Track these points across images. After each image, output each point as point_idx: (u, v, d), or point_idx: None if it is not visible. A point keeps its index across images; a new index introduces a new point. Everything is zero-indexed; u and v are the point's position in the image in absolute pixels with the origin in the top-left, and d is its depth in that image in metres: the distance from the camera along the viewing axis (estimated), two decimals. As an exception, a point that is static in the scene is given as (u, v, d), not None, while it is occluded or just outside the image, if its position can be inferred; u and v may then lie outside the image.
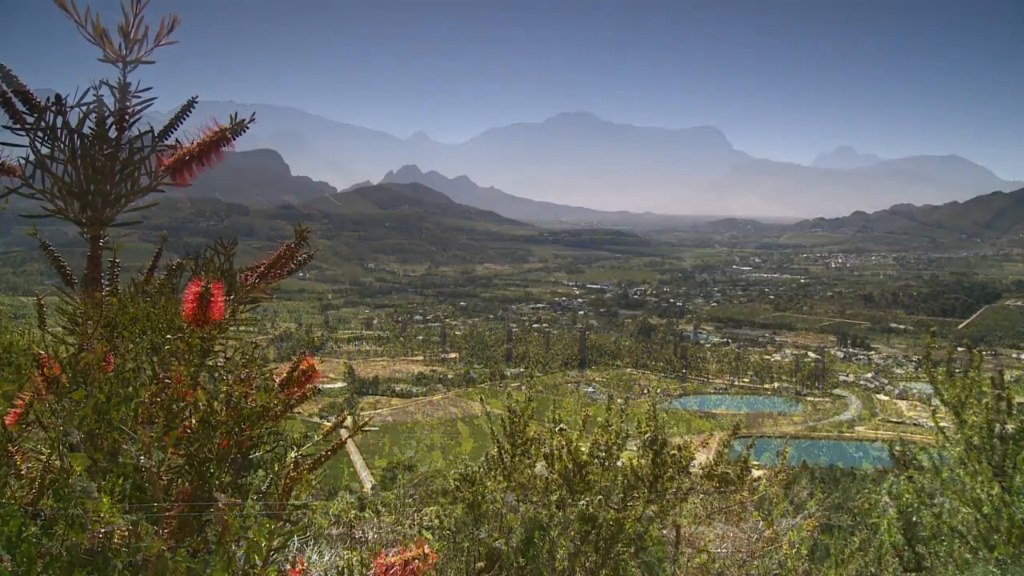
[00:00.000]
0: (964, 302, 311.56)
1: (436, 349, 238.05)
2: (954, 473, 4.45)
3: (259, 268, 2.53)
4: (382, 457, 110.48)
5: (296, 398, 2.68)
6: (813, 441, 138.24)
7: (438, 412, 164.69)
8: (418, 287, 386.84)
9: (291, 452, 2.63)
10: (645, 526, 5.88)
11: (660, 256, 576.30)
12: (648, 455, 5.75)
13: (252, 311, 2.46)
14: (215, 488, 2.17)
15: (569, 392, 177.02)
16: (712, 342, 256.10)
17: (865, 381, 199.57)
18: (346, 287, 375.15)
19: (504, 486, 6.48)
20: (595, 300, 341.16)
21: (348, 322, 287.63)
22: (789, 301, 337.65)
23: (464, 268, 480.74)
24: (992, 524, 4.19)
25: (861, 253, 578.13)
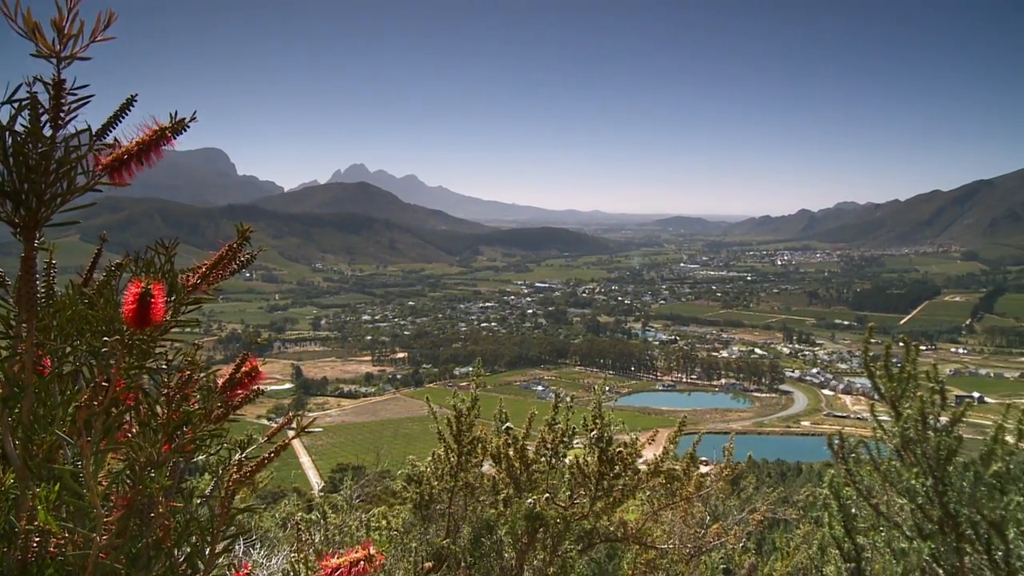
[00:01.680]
0: (906, 298, 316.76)
1: (384, 349, 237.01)
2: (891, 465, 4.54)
3: (201, 269, 2.51)
4: (330, 458, 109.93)
5: (239, 400, 2.65)
6: (761, 436, 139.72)
7: (387, 412, 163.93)
8: (366, 287, 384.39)
9: (235, 455, 2.60)
10: (592, 523, 5.91)
11: (608, 254, 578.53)
12: (594, 453, 5.77)
13: (195, 312, 2.43)
14: (156, 493, 2.17)
15: (518, 391, 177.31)
16: (660, 340, 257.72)
17: (811, 376, 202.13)
18: (294, 287, 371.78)
19: (451, 486, 6.47)
20: (544, 299, 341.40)
21: (296, 322, 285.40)
22: (736, 298, 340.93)
23: (412, 267, 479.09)
24: (926, 514, 4.27)
25: (806, 250, 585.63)
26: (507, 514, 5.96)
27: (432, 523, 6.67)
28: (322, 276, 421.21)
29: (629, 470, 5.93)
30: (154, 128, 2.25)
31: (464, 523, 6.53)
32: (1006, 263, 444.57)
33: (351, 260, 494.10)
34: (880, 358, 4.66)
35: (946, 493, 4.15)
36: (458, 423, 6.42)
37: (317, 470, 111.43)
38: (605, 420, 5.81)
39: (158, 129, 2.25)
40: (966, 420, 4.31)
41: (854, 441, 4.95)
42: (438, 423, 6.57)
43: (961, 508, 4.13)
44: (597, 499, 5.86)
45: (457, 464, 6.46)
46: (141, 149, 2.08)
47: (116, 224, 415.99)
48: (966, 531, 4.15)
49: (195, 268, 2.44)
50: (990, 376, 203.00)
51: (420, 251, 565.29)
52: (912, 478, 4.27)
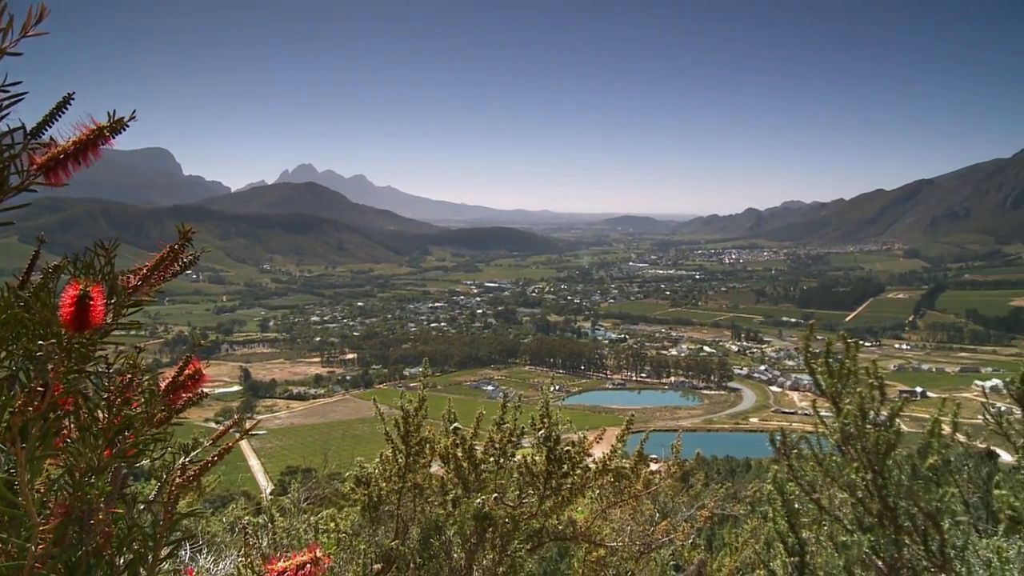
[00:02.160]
0: (851, 295, 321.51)
1: (334, 350, 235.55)
2: (832, 460, 4.61)
3: (142, 270, 2.45)
4: (280, 461, 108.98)
5: (183, 403, 2.61)
6: (710, 433, 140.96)
7: (336, 414, 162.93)
8: (315, 288, 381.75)
9: (179, 459, 2.57)
10: (541, 522, 5.92)
11: (558, 254, 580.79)
12: (542, 452, 5.79)
13: (136, 315, 2.38)
14: (96, 499, 2.10)
15: (468, 391, 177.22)
16: (610, 338, 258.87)
17: (759, 374, 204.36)
18: (241, 289, 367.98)
19: (399, 487, 6.46)
20: (493, 298, 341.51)
21: (244, 324, 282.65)
22: (685, 297, 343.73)
23: (361, 268, 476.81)
24: (866, 507, 4.35)
25: (754, 249, 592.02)
26: (456, 514, 5.95)
27: (381, 525, 6.65)
28: (270, 277, 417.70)
29: (577, 469, 5.96)
30: (91, 127, 2.03)
31: (413, 524, 6.51)
32: (946, 261, 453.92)
33: (299, 261, 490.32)
34: (821, 355, 4.73)
35: (885, 487, 4.22)
36: (406, 424, 6.41)
37: (266, 473, 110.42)
38: (553, 419, 5.83)
39: (96, 128, 1.99)
40: (910, 414, 4.40)
41: (796, 437, 5.02)
42: (386, 424, 6.55)
43: (899, 501, 4.21)
44: (545, 498, 5.88)
45: (405, 465, 6.45)
46: (78, 148, 2.01)
47: (57, 225, 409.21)
48: (904, 523, 4.22)
49: (136, 270, 2.38)
50: (932, 371, 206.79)
51: (369, 251, 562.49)
52: (852, 472, 4.35)
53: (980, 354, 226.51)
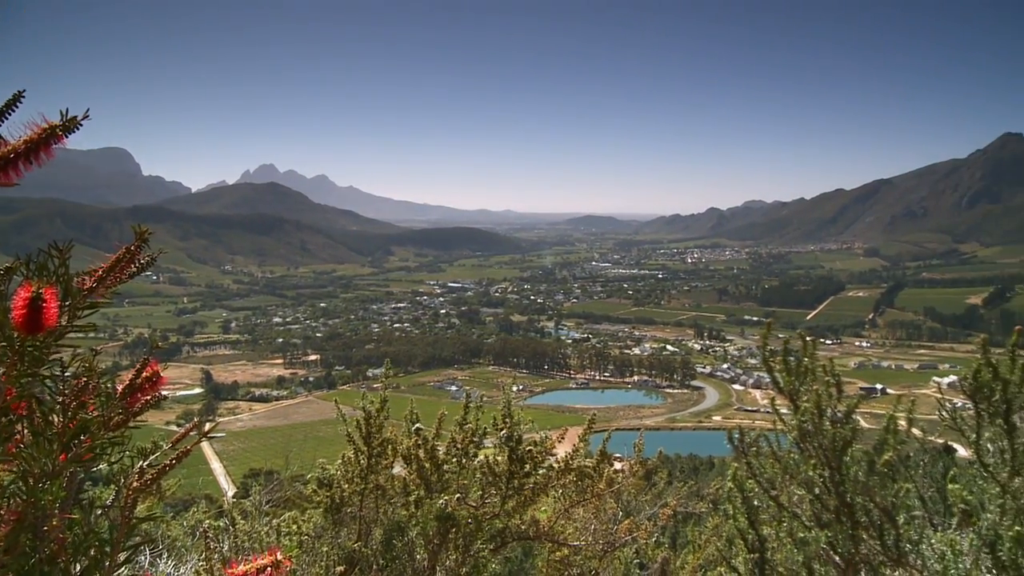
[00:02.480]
0: (812, 294, 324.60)
1: (296, 351, 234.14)
2: (790, 457, 4.66)
3: (97, 272, 2.40)
4: (242, 464, 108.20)
5: (140, 406, 2.57)
6: (673, 432, 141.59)
7: (299, 415, 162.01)
8: (277, 289, 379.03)
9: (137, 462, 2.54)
10: (504, 522, 5.93)
11: (521, 254, 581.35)
12: (504, 452, 5.79)
13: (92, 317, 2.34)
14: (50, 505, 2.04)
15: (432, 391, 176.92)
16: (573, 338, 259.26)
17: (721, 372, 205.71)
18: (202, 290, 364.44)
19: (361, 488, 6.44)
20: (456, 299, 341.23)
21: (205, 326, 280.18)
22: (647, 296, 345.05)
23: (324, 269, 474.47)
24: (824, 504, 4.40)
25: (716, 248, 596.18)
26: (418, 515, 5.95)
27: (343, 526, 6.63)
28: (232, 278, 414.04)
29: (540, 468, 5.97)
30: (43, 126, 2.12)
31: (375, 525, 6.50)
32: (904, 259, 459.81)
33: (261, 262, 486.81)
34: (779, 353, 4.78)
35: (842, 483, 4.27)
36: (367, 425, 6.40)
37: (229, 476, 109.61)
38: (515, 419, 5.84)
39: (48, 127, 2.11)
40: (870, 411, 4.45)
41: (754, 435, 5.07)
42: (347, 425, 6.53)
43: (856, 497, 4.27)
44: (508, 498, 5.88)
45: (367, 466, 6.43)
46: (29, 148, 1.95)
47: (11, 226, 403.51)
48: (861, 519, 4.28)
49: (91, 271, 2.33)
50: (892, 368, 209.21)
51: (331, 252, 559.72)
52: (810, 469, 4.40)
53: (938, 351, 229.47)
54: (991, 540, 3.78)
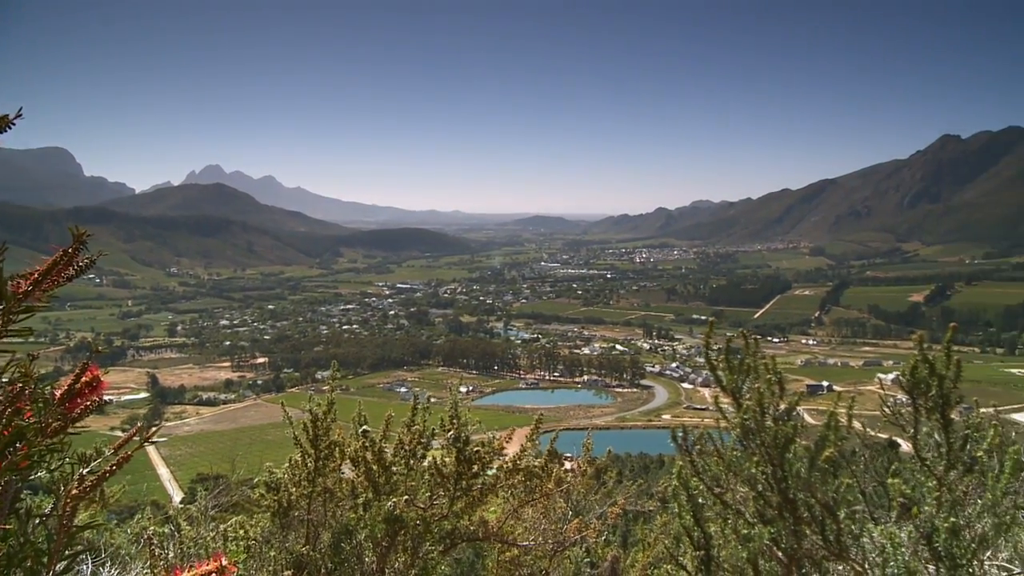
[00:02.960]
0: (759, 292, 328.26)
1: (244, 354, 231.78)
2: (734, 454, 4.72)
3: (33, 275, 2.32)
4: (190, 469, 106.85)
5: (80, 412, 2.52)
6: (624, 431, 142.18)
7: (247, 419, 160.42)
8: (224, 291, 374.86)
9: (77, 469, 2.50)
10: (453, 523, 5.93)
11: (470, 254, 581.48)
12: (452, 453, 5.79)
13: (28, 321, 2.28)
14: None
15: (382, 393, 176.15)
16: (523, 338, 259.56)
17: (671, 371, 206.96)
18: (147, 293, 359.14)
19: (309, 491, 6.40)
20: (406, 300, 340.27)
21: (151, 329, 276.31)
22: (596, 296, 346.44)
23: (271, 270, 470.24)
24: (766, 500, 4.46)
25: (664, 248, 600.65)
26: (366, 518, 5.92)
27: (291, 530, 6.58)
28: (177, 281, 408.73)
29: (488, 469, 5.98)
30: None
31: (323, 529, 6.46)
32: (849, 258, 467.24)
33: (207, 264, 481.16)
34: (721, 351, 4.83)
35: (785, 479, 4.33)
36: (314, 428, 6.36)
37: (176, 481, 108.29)
38: (462, 420, 5.84)
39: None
40: (816, 408, 4.53)
41: (697, 433, 5.12)
42: (294, 428, 6.49)
43: (798, 493, 4.33)
44: (456, 499, 5.88)
45: (314, 469, 6.40)
46: None
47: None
48: (803, 514, 4.35)
49: (27, 274, 2.27)
50: (838, 365, 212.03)
51: (279, 253, 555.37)
52: (753, 466, 4.45)
53: (882, 348, 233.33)
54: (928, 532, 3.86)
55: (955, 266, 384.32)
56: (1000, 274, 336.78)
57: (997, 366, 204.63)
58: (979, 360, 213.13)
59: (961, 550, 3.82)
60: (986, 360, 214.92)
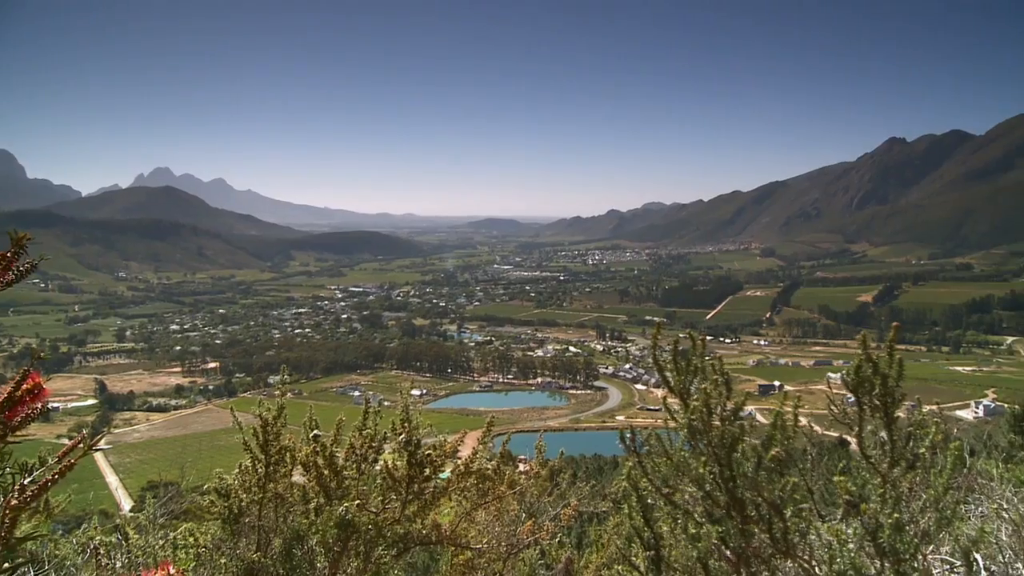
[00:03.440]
0: (711, 293, 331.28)
1: (195, 359, 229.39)
2: (682, 455, 4.77)
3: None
4: (140, 476, 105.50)
5: (20, 420, 2.48)
6: (578, 432, 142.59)
7: (199, 425, 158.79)
8: (174, 295, 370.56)
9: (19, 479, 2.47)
10: (405, 527, 5.91)
11: (422, 257, 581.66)
12: (403, 456, 5.78)
13: None
14: None
15: (335, 397, 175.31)
16: (476, 341, 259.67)
17: (624, 372, 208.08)
18: (95, 297, 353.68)
19: (260, 497, 6.35)
20: (358, 303, 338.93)
21: (99, 334, 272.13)
22: (549, 298, 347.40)
23: (223, 274, 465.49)
24: (714, 500, 4.51)
25: (616, 250, 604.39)
26: (318, 523, 5.89)
27: (242, 537, 6.52)
28: (126, 285, 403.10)
29: (440, 473, 5.98)
30: None
31: (275, 535, 6.41)
32: (799, 259, 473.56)
33: (157, 268, 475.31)
34: (669, 352, 4.88)
35: (732, 479, 4.38)
36: (264, 433, 6.32)
37: (126, 489, 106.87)
38: (413, 423, 5.83)
39: None
40: (768, 407, 4.58)
41: (645, 434, 5.16)
42: (244, 434, 6.44)
43: (745, 492, 4.39)
44: (408, 503, 5.88)
45: (265, 475, 6.35)
46: None
47: None
48: (751, 513, 4.40)
49: None
50: (789, 365, 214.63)
51: (230, 257, 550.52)
52: (700, 466, 4.50)
53: (832, 348, 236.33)
54: (873, 528, 3.93)
55: (902, 266, 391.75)
56: (945, 274, 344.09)
57: (942, 364, 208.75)
58: (925, 359, 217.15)
59: (905, 545, 3.89)
60: (932, 359, 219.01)
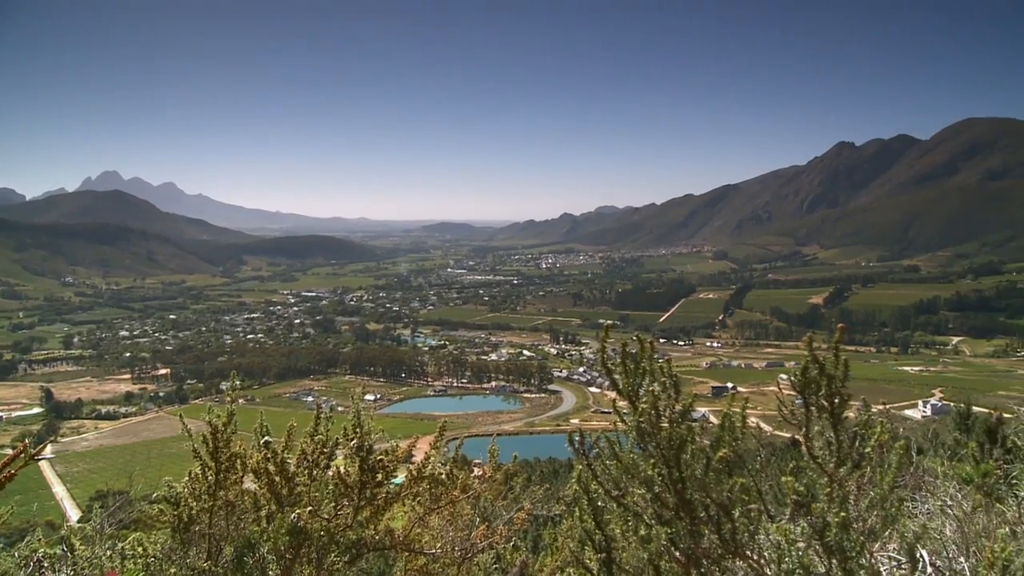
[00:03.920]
0: (664, 296, 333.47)
1: (145, 366, 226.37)
2: (631, 457, 4.82)
3: None
4: (88, 486, 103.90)
5: None
6: (533, 436, 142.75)
7: (149, 432, 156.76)
8: (123, 301, 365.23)
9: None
10: (358, 533, 5.90)
11: (376, 261, 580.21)
12: (355, 462, 5.77)
13: None
14: None
15: (288, 403, 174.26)
16: (430, 345, 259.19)
17: (578, 375, 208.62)
18: (41, 303, 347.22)
19: (210, 505, 6.30)
20: (311, 308, 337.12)
21: (44, 341, 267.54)
22: (503, 302, 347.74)
23: (173, 279, 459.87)
24: (663, 502, 4.55)
25: (570, 253, 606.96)
26: (270, 530, 5.85)
27: (192, 546, 6.46)
28: (73, 291, 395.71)
29: (392, 478, 5.97)
30: None
31: (226, 543, 6.36)
32: (751, 261, 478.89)
33: (105, 273, 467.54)
34: (617, 355, 4.92)
35: (681, 481, 4.43)
36: (214, 440, 6.26)
37: (73, 499, 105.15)
38: (365, 429, 5.82)
39: None
40: (721, 409, 4.62)
41: (594, 437, 5.20)
42: (194, 441, 6.38)
43: (694, 494, 4.44)
44: (361, 508, 5.86)
45: (215, 482, 6.30)
46: None
47: None
48: (700, 514, 4.45)
49: None
50: (742, 367, 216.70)
51: (181, 262, 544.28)
52: (649, 468, 4.54)
53: (784, 349, 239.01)
54: (820, 527, 3.99)
55: (852, 268, 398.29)
56: (893, 276, 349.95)
57: (891, 365, 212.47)
58: (875, 359, 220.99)
59: (851, 543, 3.96)
60: (881, 359, 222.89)
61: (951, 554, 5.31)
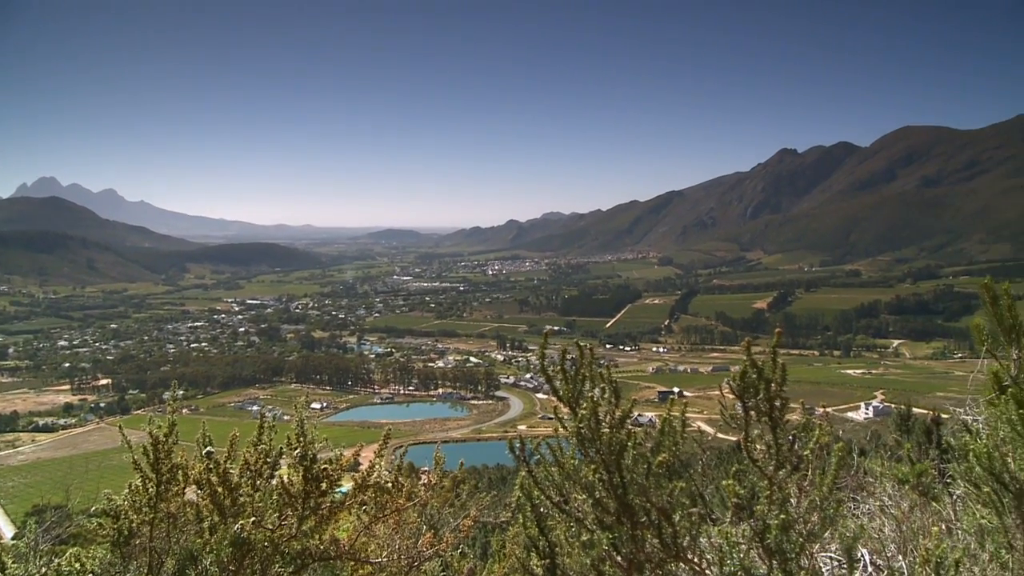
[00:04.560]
0: (610, 302, 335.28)
1: (85, 376, 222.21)
2: (572, 462, 4.85)
3: None
4: (24, 501, 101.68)
5: None
6: (480, 442, 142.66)
7: (90, 444, 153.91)
8: (62, 310, 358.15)
9: None
10: (302, 543, 5.86)
11: (321, 269, 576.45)
12: (299, 471, 5.73)
13: None
14: None
15: (233, 412, 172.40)
16: (377, 352, 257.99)
17: (525, 382, 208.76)
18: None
19: (151, 517, 6.22)
20: (256, 316, 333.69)
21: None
22: (450, 309, 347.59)
23: (114, 288, 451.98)
24: (604, 507, 4.59)
25: (516, 259, 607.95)
26: (212, 542, 5.79)
27: (133, 559, 6.37)
28: (9, 300, 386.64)
29: (337, 487, 5.94)
30: None
31: (168, 556, 6.28)
32: (696, 267, 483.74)
33: (43, 282, 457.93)
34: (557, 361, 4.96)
35: (622, 486, 4.47)
36: (155, 451, 6.18)
37: (7, 515, 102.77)
38: (308, 437, 5.79)
39: None
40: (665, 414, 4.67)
41: (535, 443, 5.23)
42: (133, 452, 6.29)
43: (635, 498, 4.48)
44: (305, 518, 5.82)
45: (156, 494, 6.22)
46: None
47: None
48: (641, 519, 4.50)
49: None
50: (688, 371, 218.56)
51: (122, 270, 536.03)
52: (590, 474, 4.58)
53: (730, 354, 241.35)
54: (761, 529, 4.06)
55: (795, 273, 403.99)
56: (835, 280, 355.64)
57: (834, 368, 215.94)
58: (818, 363, 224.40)
59: (791, 544, 4.03)
60: (824, 362, 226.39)
61: (890, 553, 5.41)
